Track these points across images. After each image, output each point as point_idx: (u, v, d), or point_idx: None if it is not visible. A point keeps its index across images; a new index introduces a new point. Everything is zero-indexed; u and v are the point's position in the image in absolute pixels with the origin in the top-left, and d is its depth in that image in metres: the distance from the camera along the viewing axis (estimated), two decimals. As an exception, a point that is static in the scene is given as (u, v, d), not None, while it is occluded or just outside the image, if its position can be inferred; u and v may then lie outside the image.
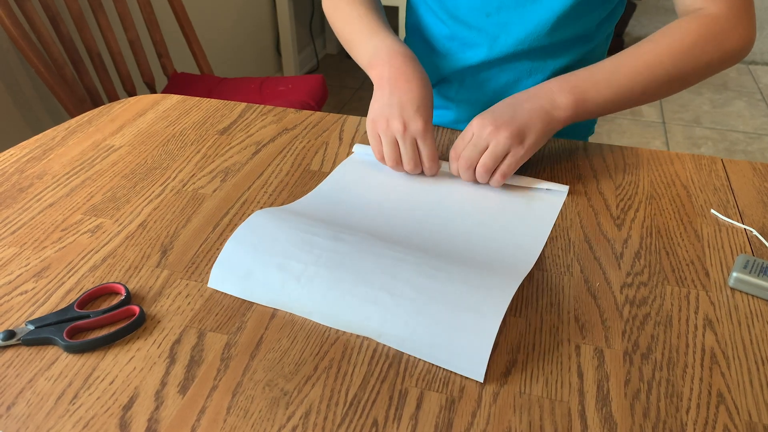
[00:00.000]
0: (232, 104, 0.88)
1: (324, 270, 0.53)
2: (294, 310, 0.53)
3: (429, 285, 0.52)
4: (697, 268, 0.59)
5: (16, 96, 1.45)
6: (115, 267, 0.57)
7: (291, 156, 0.75)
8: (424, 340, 0.49)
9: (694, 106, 2.68)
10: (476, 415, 0.45)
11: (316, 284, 0.53)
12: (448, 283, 0.52)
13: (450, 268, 0.54)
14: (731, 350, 0.50)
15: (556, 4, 0.75)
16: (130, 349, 0.49)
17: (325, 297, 0.52)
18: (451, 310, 0.49)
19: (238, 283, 0.55)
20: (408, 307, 0.50)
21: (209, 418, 0.44)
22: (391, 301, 0.51)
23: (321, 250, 0.55)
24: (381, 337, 0.50)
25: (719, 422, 0.44)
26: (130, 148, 0.76)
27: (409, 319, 0.50)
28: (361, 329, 0.51)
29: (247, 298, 0.54)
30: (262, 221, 0.59)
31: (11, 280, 0.56)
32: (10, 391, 0.46)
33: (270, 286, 0.54)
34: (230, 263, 0.56)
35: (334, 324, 0.52)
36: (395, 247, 0.57)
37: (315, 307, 0.52)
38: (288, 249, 0.55)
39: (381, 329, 0.50)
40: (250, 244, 0.56)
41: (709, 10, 0.68)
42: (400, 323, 0.50)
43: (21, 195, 0.67)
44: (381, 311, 0.51)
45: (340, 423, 0.44)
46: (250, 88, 1.67)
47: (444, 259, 0.55)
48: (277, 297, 0.53)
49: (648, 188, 0.70)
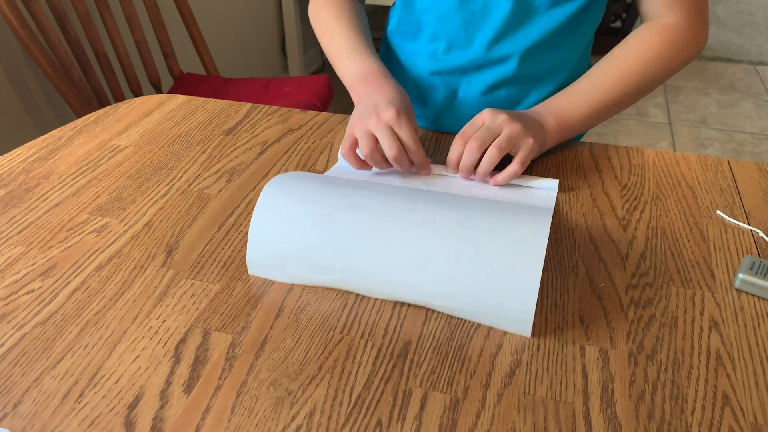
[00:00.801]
0: (237, 105, 0.88)
1: (355, 251, 0.53)
2: (338, 288, 0.55)
3: (460, 251, 0.51)
4: (702, 270, 0.59)
5: (23, 96, 1.46)
6: (121, 266, 0.58)
7: (296, 156, 0.75)
8: (468, 309, 0.51)
9: (700, 106, 2.67)
10: (480, 415, 0.45)
11: (351, 267, 0.53)
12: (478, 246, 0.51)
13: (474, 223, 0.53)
14: (737, 352, 0.50)
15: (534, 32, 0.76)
16: (135, 348, 0.49)
17: (363, 278, 0.53)
18: (488, 277, 0.50)
19: (276, 269, 0.56)
20: (447, 282, 0.51)
21: (214, 418, 0.44)
22: (429, 276, 0.51)
23: (344, 226, 0.54)
24: (427, 305, 0.53)
25: (724, 424, 0.44)
26: (136, 149, 0.76)
27: (450, 293, 0.51)
28: (406, 301, 0.53)
29: (290, 282, 0.56)
30: (274, 199, 0.56)
31: (18, 279, 0.56)
32: (17, 389, 0.46)
33: (308, 271, 0.55)
34: (262, 251, 0.55)
35: (378, 296, 0.54)
36: (416, 209, 0.55)
37: (356, 285, 0.54)
38: (311, 230, 0.54)
39: (426, 301, 0.52)
40: (273, 229, 0.55)
41: (668, 19, 0.73)
42: (442, 297, 0.51)
43: (27, 195, 0.68)
44: (422, 287, 0.52)
45: (344, 423, 0.44)
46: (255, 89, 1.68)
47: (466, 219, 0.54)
48: (317, 280, 0.55)
49: (654, 189, 0.70)
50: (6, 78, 1.41)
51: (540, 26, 0.75)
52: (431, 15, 0.79)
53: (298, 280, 0.55)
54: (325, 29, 0.82)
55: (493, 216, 0.53)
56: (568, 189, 0.70)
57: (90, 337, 0.50)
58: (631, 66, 0.73)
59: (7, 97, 1.42)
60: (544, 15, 0.75)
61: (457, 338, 0.51)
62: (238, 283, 0.56)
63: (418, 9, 0.81)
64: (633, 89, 0.73)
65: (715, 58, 3.12)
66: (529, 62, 0.78)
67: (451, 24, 0.78)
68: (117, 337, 0.50)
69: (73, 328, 0.51)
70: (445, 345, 0.50)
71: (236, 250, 0.60)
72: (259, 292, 0.55)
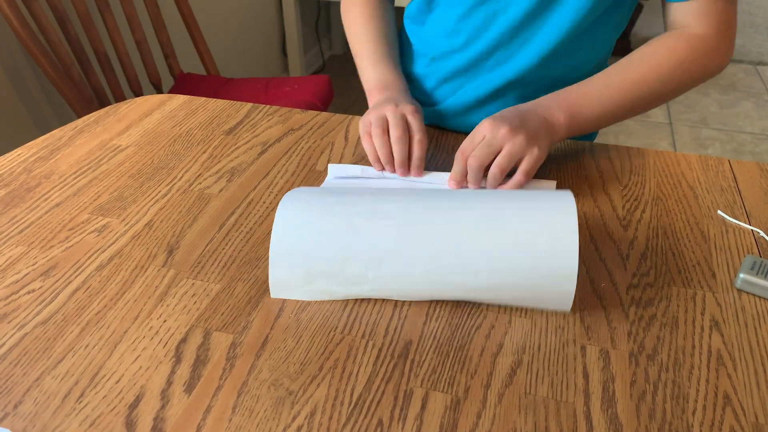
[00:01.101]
0: (238, 104, 0.88)
1: (387, 259, 0.52)
2: (371, 297, 0.54)
3: (495, 243, 0.50)
4: (703, 270, 0.59)
5: (24, 96, 1.46)
6: (122, 266, 0.58)
7: (297, 156, 0.75)
8: (508, 297, 0.52)
9: (701, 106, 2.67)
10: (481, 415, 0.45)
11: (385, 275, 0.52)
12: (511, 235, 0.51)
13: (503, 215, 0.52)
14: (738, 352, 0.50)
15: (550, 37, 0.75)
16: (136, 348, 0.49)
17: (399, 285, 0.52)
18: (526, 264, 0.50)
19: (303, 289, 0.53)
20: (485, 275, 0.50)
21: (215, 417, 0.44)
22: (468, 273, 0.51)
23: (372, 233, 0.52)
24: (467, 299, 0.53)
25: (725, 424, 0.44)
26: (137, 148, 0.76)
27: (490, 285, 0.51)
28: (444, 298, 0.53)
29: (319, 299, 0.54)
30: (293, 215, 0.54)
31: (19, 278, 0.56)
32: (18, 389, 0.46)
33: (339, 286, 0.53)
34: (285, 273, 0.53)
35: (415, 299, 0.54)
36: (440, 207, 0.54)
37: (392, 293, 0.53)
38: (338, 242, 0.52)
39: (465, 296, 0.52)
40: (296, 247, 0.53)
41: (696, 30, 0.70)
42: (482, 291, 0.51)
43: (28, 194, 0.68)
44: (462, 284, 0.51)
45: (345, 423, 0.44)
46: (256, 89, 1.68)
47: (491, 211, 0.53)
48: (350, 293, 0.53)
49: (654, 189, 0.70)
50: (6, 78, 1.41)
51: (560, 27, 0.74)
52: (454, 10, 0.79)
53: (326, 296, 0.54)
54: (353, 31, 0.85)
55: (517, 204, 0.53)
56: (568, 188, 0.70)
57: (91, 337, 0.50)
58: (651, 69, 0.70)
59: (8, 97, 1.42)
60: (565, 15, 0.73)
61: (458, 338, 0.51)
62: (238, 283, 0.56)
63: (444, 1, 0.80)
64: (649, 95, 0.70)
65: (715, 58, 3.12)
66: (546, 64, 0.77)
67: (472, 21, 0.78)
68: (118, 337, 0.50)
69: (73, 328, 0.51)
70: (446, 345, 0.50)
71: (237, 250, 0.60)
72: (259, 292, 0.55)
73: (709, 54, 0.71)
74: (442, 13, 0.81)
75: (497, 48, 0.78)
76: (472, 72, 0.81)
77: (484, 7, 0.76)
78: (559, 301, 0.51)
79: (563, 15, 0.73)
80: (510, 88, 0.80)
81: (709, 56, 0.71)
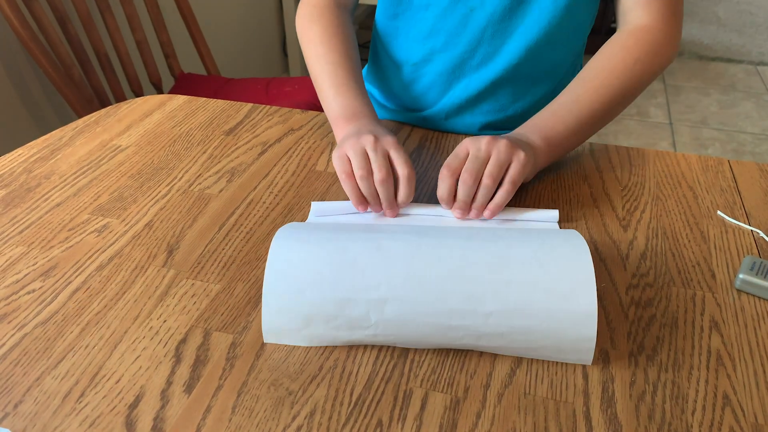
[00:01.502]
0: (238, 105, 0.88)
1: (391, 301, 0.48)
2: (373, 344, 0.50)
3: (508, 282, 0.47)
4: (703, 270, 0.59)
5: (24, 96, 1.46)
6: (122, 266, 0.58)
7: (297, 156, 0.75)
8: (524, 347, 0.48)
9: (701, 107, 2.67)
10: (481, 416, 0.45)
11: (389, 319, 0.48)
12: (525, 275, 0.48)
13: (515, 254, 0.49)
14: (737, 352, 0.50)
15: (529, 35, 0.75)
16: (136, 348, 0.49)
17: (404, 329, 0.48)
18: (543, 307, 0.47)
19: (299, 334, 0.49)
20: (498, 318, 0.47)
21: (214, 418, 0.44)
22: (479, 316, 0.47)
23: (375, 276, 0.48)
24: (477, 348, 0.49)
25: (725, 424, 0.44)
26: (137, 149, 0.76)
27: (504, 330, 0.47)
28: (453, 347, 0.49)
29: (316, 345, 0.50)
30: (288, 252, 0.50)
31: (19, 279, 0.56)
32: (18, 389, 0.46)
33: (338, 330, 0.49)
34: (280, 317, 0.49)
35: (421, 347, 0.49)
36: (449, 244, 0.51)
37: (396, 339, 0.49)
38: (339, 284, 0.48)
39: (477, 344, 0.48)
40: (292, 288, 0.49)
41: (644, 20, 0.72)
42: (495, 337, 0.47)
43: (29, 195, 0.68)
44: (473, 329, 0.47)
45: (345, 423, 0.44)
46: (256, 89, 1.68)
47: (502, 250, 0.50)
48: (350, 338, 0.49)
49: (654, 189, 0.70)
50: (7, 78, 1.41)
51: (538, 22, 0.75)
52: (429, 12, 0.79)
53: (325, 342, 0.50)
54: (312, 53, 0.77)
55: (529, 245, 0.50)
56: (568, 189, 0.70)
57: (91, 337, 0.50)
58: (612, 73, 0.71)
59: (8, 97, 1.42)
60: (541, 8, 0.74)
61: (458, 338, 0.51)
62: (238, 283, 0.56)
63: (416, 5, 0.80)
64: (616, 97, 0.71)
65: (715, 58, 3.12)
66: (533, 57, 0.77)
67: (450, 20, 0.77)
68: (118, 337, 0.50)
69: (74, 328, 0.51)
70: (445, 345, 0.50)
71: (237, 250, 0.60)
72: (259, 292, 0.55)
73: (661, 46, 0.72)
74: (414, 17, 0.80)
75: (480, 45, 0.77)
76: (459, 72, 0.81)
77: (459, 5, 0.76)
78: (579, 348, 0.47)
79: (543, 4, 0.74)
80: (500, 85, 0.80)
81: (662, 47, 0.72)
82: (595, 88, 0.70)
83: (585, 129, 0.71)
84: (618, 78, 0.70)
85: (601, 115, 0.71)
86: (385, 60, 0.87)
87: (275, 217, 0.65)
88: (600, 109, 0.70)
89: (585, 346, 0.47)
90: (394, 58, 0.85)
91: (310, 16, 0.80)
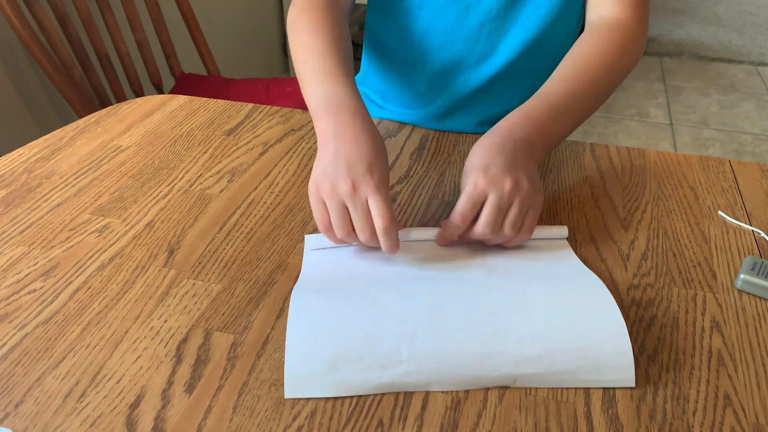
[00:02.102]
0: (239, 105, 0.88)
1: (422, 333, 0.47)
2: (406, 387, 0.46)
3: (533, 311, 0.49)
4: (704, 270, 0.59)
5: (25, 96, 1.46)
6: (123, 266, 0.58)
7: (297, 157, 0.75)
8: (563, 369, 0.46)
9: (701, 107, 2.67)
10: (482, 416, 0.45)
11: (422, 351, 0.46)
12: (548, 303, 0.50)
13: (533, 289, 0.51)
14: (738, 352, 0.50)
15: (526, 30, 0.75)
16: (137, 348, 0.49)
17: (438, 362, 0.46)
18: (573, 329, 0.48)
19: (324, 380, 0.46)
20: (533, 341, 0.47)
21: (215, 418, 0.44)
22: (513, 341, 0.47)
23: (401, 312, 0.48)
24: (517, 382, 0.46)
25: (726, 424, 0.44)
26: (138, 149, 0.77)
27: (541, 352, 0.46)
28: (492, 381, 0.46)
29: (344, 394, 0.46)
30: (309, 301, 0.50)
31: (20, 279, 0.56)
32: (19, 389, 0.46)
33: (368, 371, 0.46)
34: (305, 362, 0.46)
35: (459, 387, 0.46)
36: (468, 284, 0.52)
37: (431, 375, 0.46)
38: (365, 322, 0.48)
39: (516, 373, 0.46)
40: (317, 331, 0.48)
41: (618, 14, 0.71)
42: (534, 360, 0.46)
43: (29, 195, 0.68)
44: (508, 355, 0.46)
45: (346, 423, 0.44)
46: (257, 89, 1.68)
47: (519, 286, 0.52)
48: (381, 380, 0.46)
49: (655, 189, 0.70)
50: (8, 78, 1.41)
51: (535, 18, 0.75)
52: (424, 11, 0.78)
53: (353, 387, 0.46)
54: (299, 44, 0.70)
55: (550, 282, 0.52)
56: (569, 189, 0.70)
57: (92, 337, 0.50)
58: (602, 68, 0.68)
59: (9, 97, 1.42)
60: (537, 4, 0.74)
61: (459, 338, 0.51)
62: (239, 283, 0.56)
63: (408, 5, 0.79)
64: (604, 94, 0.69)
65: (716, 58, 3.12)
66: (530, 52, 0.77)
67: (445, 19, 0.77)
68: (119, 337, 0.50)
69: (74, 328, 0.51)
70: (446, 345, 0.50)
71: (238, 250, 0.60)
72: (260, 292, 0.55)
73: (634, 39, 0.71)
74: (407, 17, 0.79)
75: (476, 42, 0.77)
76: (457, 69, 0.80)
77: (455, 4, 0.76)
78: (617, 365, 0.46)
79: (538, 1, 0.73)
80: (497, 82, 0.80)
81: (635, 41, 0.71)
82: (590, 83, 0.67)
83: (576, 126, 0.68)
84: (607, 74, 0.68)
85: (589, 113, 0.69)
86: (379, 60, 0.87)
87: (276, 217, 0.65)
88: (590, 109, 0.68)
89: (623, 360, 0.46)
90: (388, 58, 0.85)
91: (300, 9, 0.74)
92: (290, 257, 0.59)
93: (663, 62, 3.08)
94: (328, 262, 0.58)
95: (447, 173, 0.73)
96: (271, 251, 0.60)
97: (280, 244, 0.61)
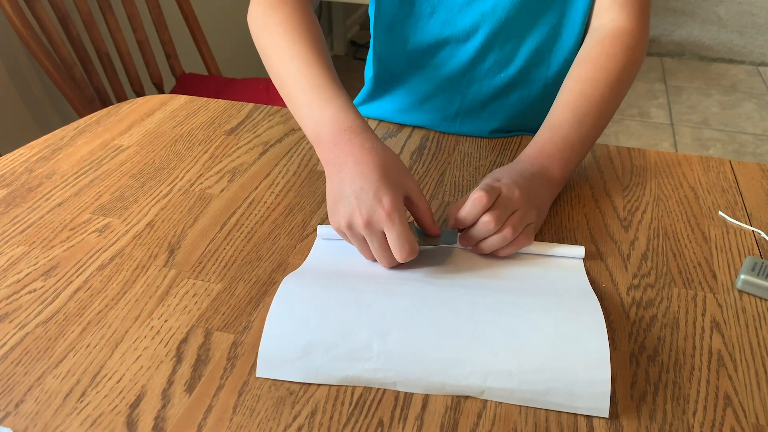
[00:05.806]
0: (239, 105, 0.88)
1: (396, 331, 0.47)
2: (372, 383, 0.46)
3: (517, 325, 0.48)
4: (704, 270, 0.59)
5: (26, 96, 1.46)
6: (123, 266, 0.58)
7: (298, 156, 0.75)
8: (534, 389, 0.45)
9: (702, 107, 2.67)
10: (482, 416, 0.45)
11: (393, 349, 0.46)
12: (534, 319, 0.48)
13: (524, 302, 0.50)
14: (738, 353, 0.50)
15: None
16: (137, 348, 0.49)
17: (407, 362, 0.46)
18: (553, 348, 0.46)
19: (295, 365, 0.47)
20: (507, 355, 0.46)
21: (216, 417, 0.44)
22: (486, 352, 0.46)
23: (381, 308, 0.49)
24: (484, 394, 0.46)
25: (726, 425, 0.44)
26: (138, 148, 0.77)
27: (513, 368, 0.45)
28: (459, 390, 0.46)
29: (311, 381, 0.47)
30: (296, 288, 0.51)
31: (20, 278, 0.56)
32: (19, 388, 0.46)
33: (337, 361, 0.46)
34: (279, 344, 0.47)
35: (424, 390, 0.46)
36: (458, 290, 0.52)
37: (399, 375, 0.46)
38: (344, 313, 0.48)
39: (483, 385, 0.45)
40: (296, 316, 0.49)
41: (619, 22, 0.71)
42: (504, 375, 0.45)
43: (30, 194, 0.68)
44: (478, 366, 0.46)
45: (346, 423, 0.44)
46: (257, 89, 1.68)
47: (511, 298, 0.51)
48: (349, 372, 0.46)
49: (655, 190, 0.70)
50: (9, 78, 1.41)
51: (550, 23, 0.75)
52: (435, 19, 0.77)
53: (320, 376, 0.46)
54: (272, 45, 0.65)
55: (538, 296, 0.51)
56: (569, 189, 0.70)
57: (92, 337, 0.50)
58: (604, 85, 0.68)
59: (10, 96, 1.42)
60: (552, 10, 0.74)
61: (459, 338, 0.51)
62: (239, 282, 0.56)
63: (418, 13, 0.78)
64: (611, 109, 0.69)
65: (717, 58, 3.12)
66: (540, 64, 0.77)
67: (458, 26, 0.77)
68: (119, 337, 0.50)
69: (75, 328, 0.51)
70: (446, 345, 0.50)
71: (238, 250, 0.60)
72: (260, 292, 0.55)
73: (638, 48, 0.71)
74: (417, 25, 0.79)
75: (491, 50, 0.77)
76: (469, 77, 0.80)
77: (469, 11, 0.75)
78: (592, 393, 0.44)
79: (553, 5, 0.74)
80: (511, 89, 0.80)
81: (639, 50, 0.71)
82: (597, 105, 0.67)
83: (588, 147, 0.68)
84: (612, 93, 0.68)
85: (601, 129, 0.69)
86: (389, 68, 0.86)
87: (276, 217, 0.65)
88: (600, 129, 0.68)
89: (599, 390, 0.44)
90: (399, 66, 0.84)
91: (268, 3, 0.68)
92: (290, 257, 0.59)
93: (664, 62, 3.08)
94: (332, 254, 0.59)
95: (447, 173, 0.73)
96: (272, 251, 0.60)
97: (280, 244, 0.61)
